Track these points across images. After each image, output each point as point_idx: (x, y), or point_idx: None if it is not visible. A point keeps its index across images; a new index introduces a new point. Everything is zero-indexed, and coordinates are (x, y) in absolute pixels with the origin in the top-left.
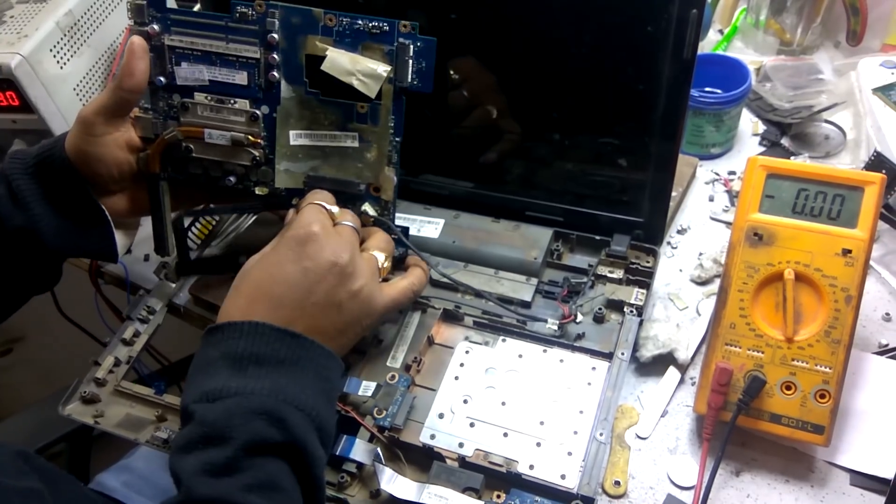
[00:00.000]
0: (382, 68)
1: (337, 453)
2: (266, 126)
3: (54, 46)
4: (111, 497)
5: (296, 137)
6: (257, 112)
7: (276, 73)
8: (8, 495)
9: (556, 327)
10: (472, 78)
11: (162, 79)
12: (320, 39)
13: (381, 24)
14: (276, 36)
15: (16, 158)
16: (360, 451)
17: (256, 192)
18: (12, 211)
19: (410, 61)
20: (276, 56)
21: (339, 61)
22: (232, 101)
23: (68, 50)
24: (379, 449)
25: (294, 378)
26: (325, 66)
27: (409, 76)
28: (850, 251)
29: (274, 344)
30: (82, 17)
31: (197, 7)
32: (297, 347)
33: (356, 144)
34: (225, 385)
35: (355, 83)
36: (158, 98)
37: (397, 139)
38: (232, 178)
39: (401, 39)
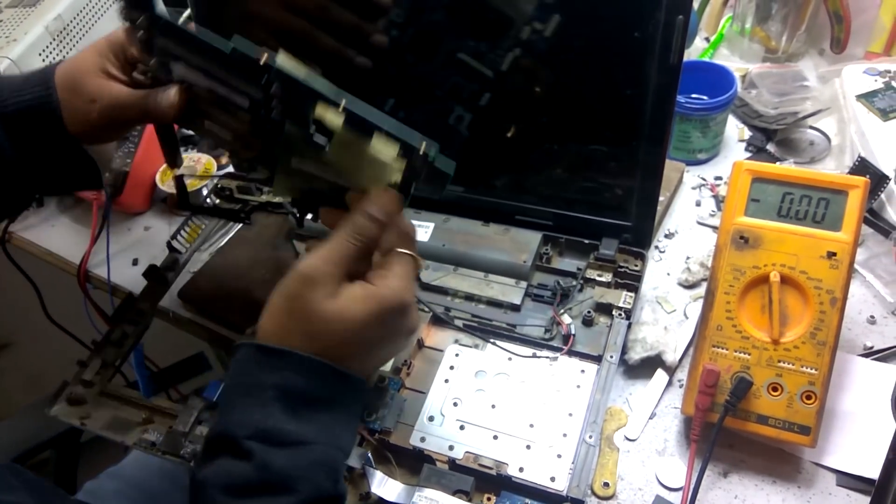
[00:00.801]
0: (396, 167)
1: None
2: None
3: (43, 50)
4: None
5: (298, 163)
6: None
7: (278, 114)
8: None
9: (545, 330)
10: None
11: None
12: (331, 111)
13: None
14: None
15: None
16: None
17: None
18: None
19: (423, 175)
20: (279, 103)
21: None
22: (233, 109)
23: (58, 54)
24: (369, 452)
25: (345, 422)
26: (328, 156)
27: (420, 184)
28: (834, 254)
29: (332, 386)
30: (71, 21)
31: (187, 15)
32: (350, 389)
33: None
34: (284, 428)
35: (365, 169)
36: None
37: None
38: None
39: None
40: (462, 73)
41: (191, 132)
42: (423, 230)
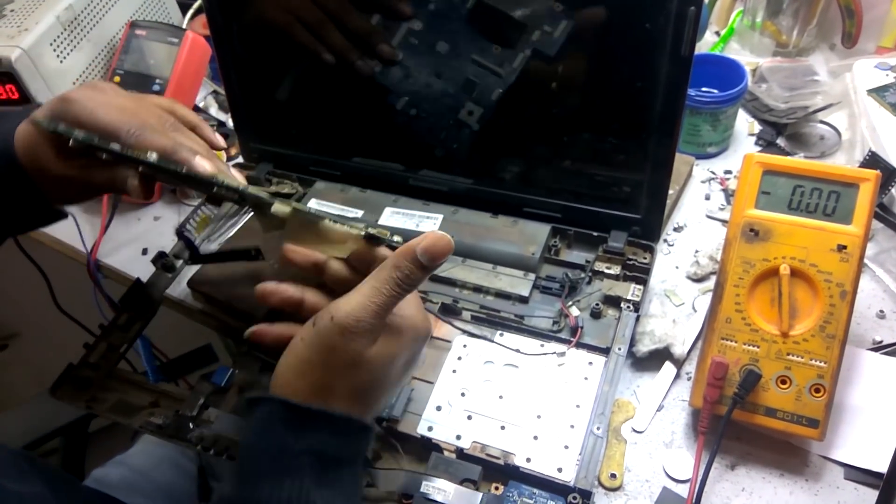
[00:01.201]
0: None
1: None
2: None
3: (54, 40)
4: (111, 497)
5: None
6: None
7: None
8: (12, 501)
9: (552, 322)
10: None
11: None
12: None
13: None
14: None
15: None
16: None
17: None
18: None
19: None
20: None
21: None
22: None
23: (68, 44)
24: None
25: (359, 474)
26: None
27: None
28: (845, 247)
29: (358, 442)
30: (83, 11)
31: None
32: (368, 440)
33: None
34: (309, 499)
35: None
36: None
37: None
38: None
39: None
40: (473, 71)
41: None
42: (432, 222)
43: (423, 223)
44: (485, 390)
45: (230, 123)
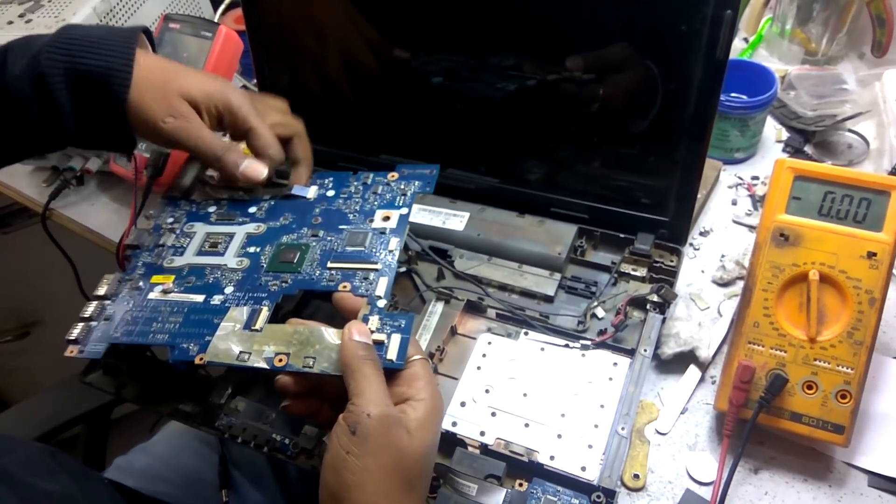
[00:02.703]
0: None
1: None
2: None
3: None
4: (133, 489)
5: None
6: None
7: None
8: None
9: (577, 322)
10: None
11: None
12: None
13: None
14: None
15: (54, 57)
16: None
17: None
18: (41, 115)
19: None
20: None
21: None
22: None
23: None
24: None
25: None
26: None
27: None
28: (875, 254)
29: None
30: (118, 3)
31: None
32: None
33: None
34: None
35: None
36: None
37: None
38: None
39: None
40: (505, 74)
41: None
42: (459, 219)
43: (450, 220)
44: (509, 388)
45: None
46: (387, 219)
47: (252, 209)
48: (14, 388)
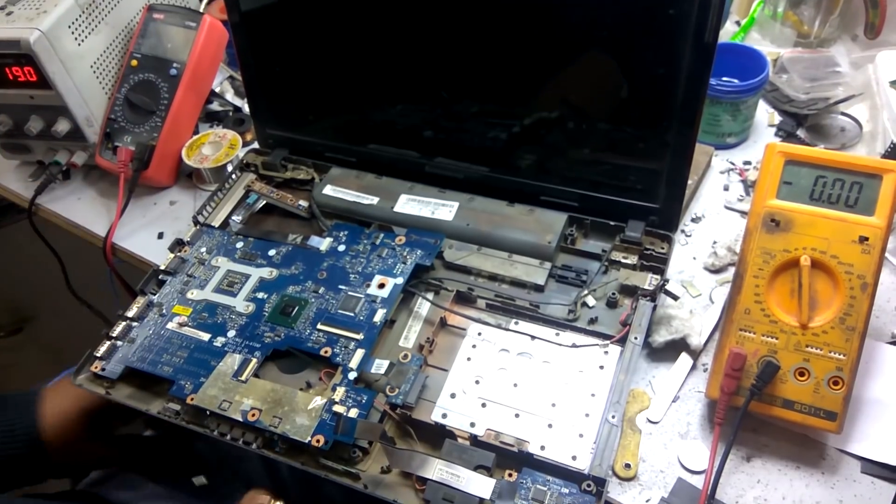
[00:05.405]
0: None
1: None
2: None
3: (73, 23)
4: None
5: None
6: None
7: None
8: None
9: (568, 311)
10: None
11: None
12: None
13: None
14: None
15: None
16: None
17: None
18: None
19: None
20: None
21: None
22: None
23: (86, 27)
24: (385, 428)
25: None
26: None
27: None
28: (867, 238)
29: None
30: None
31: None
32: None
33: None
34: None
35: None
36: None
37: None
38: None
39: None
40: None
41: (217, 108)
42: (448, 209)
43: (439, 210)
44: (499, 378)
45: (246, 109)
46: (382, 286)
47: (272, 251)
48: (7, 383)
